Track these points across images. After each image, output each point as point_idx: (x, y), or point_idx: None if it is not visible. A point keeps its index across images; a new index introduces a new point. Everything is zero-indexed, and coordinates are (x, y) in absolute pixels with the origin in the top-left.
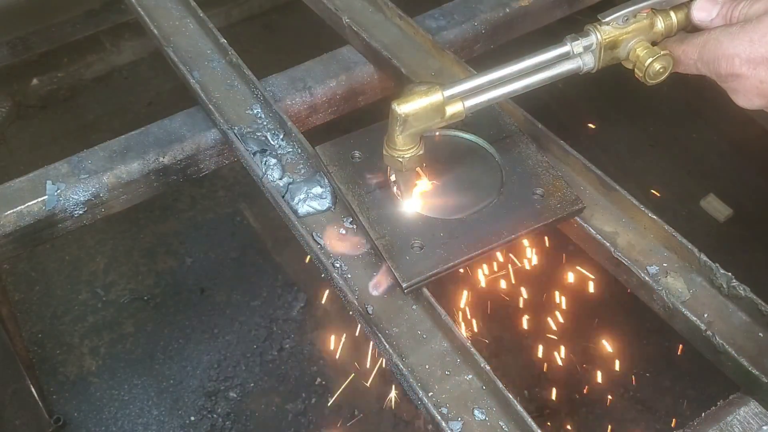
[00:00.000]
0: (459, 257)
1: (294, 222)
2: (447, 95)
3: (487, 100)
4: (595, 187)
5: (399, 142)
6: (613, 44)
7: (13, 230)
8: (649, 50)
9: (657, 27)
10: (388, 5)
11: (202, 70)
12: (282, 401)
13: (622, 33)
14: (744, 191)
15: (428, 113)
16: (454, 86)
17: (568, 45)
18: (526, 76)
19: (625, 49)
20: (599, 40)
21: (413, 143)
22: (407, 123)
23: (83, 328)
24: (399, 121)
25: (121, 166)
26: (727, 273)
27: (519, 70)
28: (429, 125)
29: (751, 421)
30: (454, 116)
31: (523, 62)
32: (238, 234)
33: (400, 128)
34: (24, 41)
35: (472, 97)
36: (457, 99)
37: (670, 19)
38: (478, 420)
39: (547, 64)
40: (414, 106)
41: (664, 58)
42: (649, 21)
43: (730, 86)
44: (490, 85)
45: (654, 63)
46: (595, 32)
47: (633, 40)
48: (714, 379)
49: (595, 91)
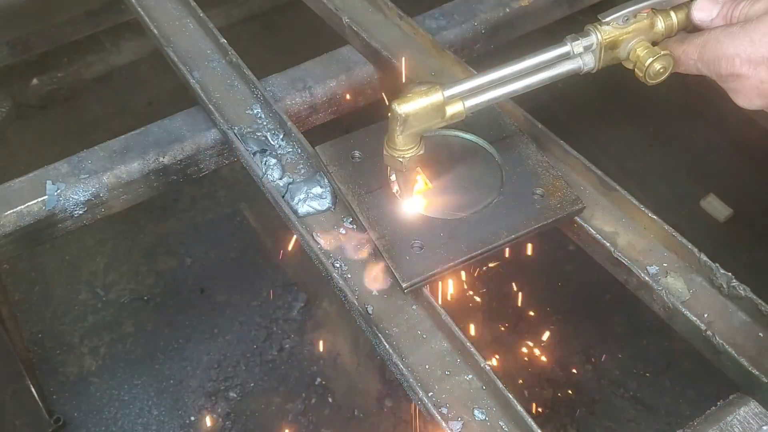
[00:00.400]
0: (459, 257)
1: (294, 222)
2: (447, 95)
3: (488, 100)
4: (595, 187)
5: (399, 142)
6: (614, 44)
7: (13, 230)
8: (649, 50)
9: (657, 27)
10: (388, 5)
11: (202, 70)
12: (282, 401)
13: (623, 33)
14: (744, 191)
15: (428, 113)
16: (454, 86)
17: (569, 45)
18: (527, 76)
19: (626, 49)
20: (599, 40)
21: (414, 143)
22: (407, 123)
23: (83, 328)
24: (399, 121)
25: (121, 166)
26: (727, 273)
27: (519, 70)
28: (429, 125)
29: (751, 421)
30: (455, 116)
31: (524, 62)
32: (238, 234)
33: (401, 128)
34: (24, 41)
35: (473, 97)
36: (458, 99)
37: (671, 19)
38: (478, 420)
39: (548, 64)
40: (414, 106)
41: (664, 58)
42: (650, 21)
43: (730, 86)
44: (491, 85)
45: (654, 63)
46: (596, 32)
47: (633, 40)
48: (714, 379)
49: (595, 91)
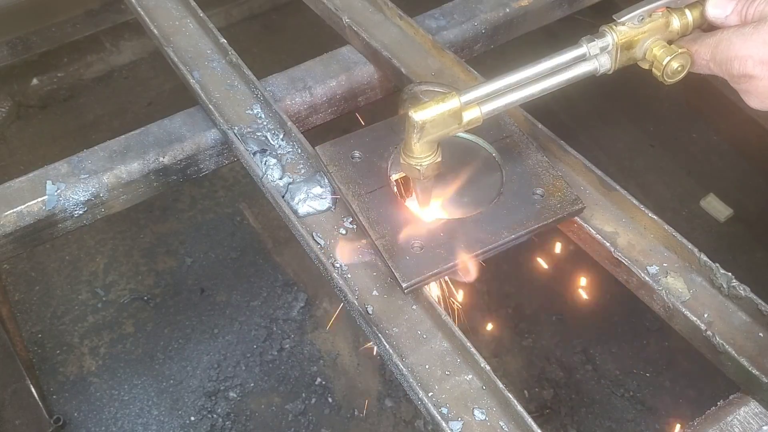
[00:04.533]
0: (459, 257)
1: (294, 222)
2: (464, 101)
3: (504, 104)
4: (595, 187)
5: (416, 149)
6: (629, 44)
7: (13, 230)
8: (666, 49)
9: (673, 26)
10: (388, 5)
11: (202, 70)
12: (282, 401)
13: (638, 33)
14: (744, 191)
15: (445, 120)
16: (470, 92)
17: (585, 47)
18: (543, 79)
19: (641, 49)
20: (615, 40)
21: (431, 150)
22: (424, 130)
23: (83, 328)
24: (416, 128)
25: (121, 166)
26: (727, 273)
27: (535, 74)
28: (446, 131)
29: (751, 421)
30: (472, 122)
31: (540, 65)
32: (238, 234)
33: (417, 135)
34: (24, 41)
35: (489, 101)
36: (474, 104)
37: (686, 17)
38: (478, 420)
39: (564, 66)
40: (431, 113)
41: (682, 57)
42: (665, 20)
43: (742, 87)
44: (507, 89)
45: (672, 62)
46: (611, 33)
47: (649, 39)
48: (714, 379)
49: (595, 91)
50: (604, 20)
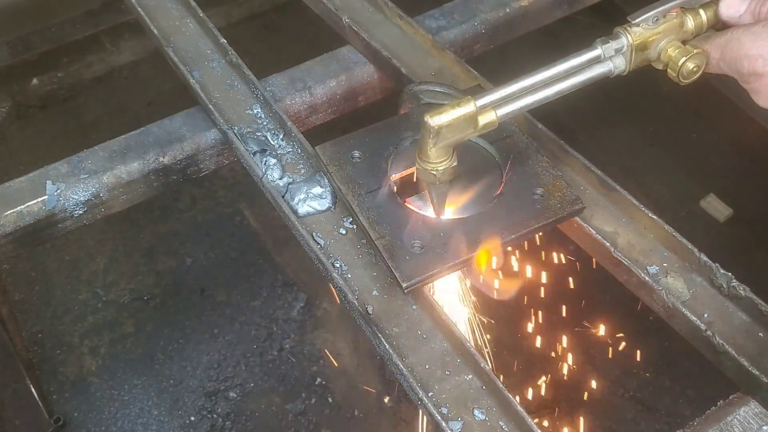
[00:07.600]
0: (459, 257)
1: (294, 222)
2: (479, 105)
3: (520, 107)
4: (595, 187)
5: (432, 154)
6: (644, 45)
7: (13, 230)
8: (681, 50)
9: (687, 26)
10: (388, 5)
11: (202, 70)
12: (282, 401)
13: (653, 34)
14: (744, 191)
15: (461, 124)
16: (486, 96)
17: (599, 48)
18: (558, 81)
19: (656, 49)
20: (630, 42)
21: (446, 155)
22: (440, 135)
23: (83, 328)
24: (432, 133)
25: (121, 166)
26: (727, 273)
27: (550, 77)
28: (462, 136)
29: (751, 421)
30: (487, 126)
31: (554, 68)
32: (238, 234)
33: (433, 140)
34: (24, 41)
35: (504, 105)
36: (490, 108)
37: (700, 17)
38: (478, 420)
39: (578, 68)
40: (447, 118)
41: (697, 57)
42: (679, 20)
43: (752, 86)
44: (522, 92)
45: (687, 62)
46: (626, 34)
47: (663, 40)
48: (714, 379)
49: (596, 91)
50: (603, 20)
